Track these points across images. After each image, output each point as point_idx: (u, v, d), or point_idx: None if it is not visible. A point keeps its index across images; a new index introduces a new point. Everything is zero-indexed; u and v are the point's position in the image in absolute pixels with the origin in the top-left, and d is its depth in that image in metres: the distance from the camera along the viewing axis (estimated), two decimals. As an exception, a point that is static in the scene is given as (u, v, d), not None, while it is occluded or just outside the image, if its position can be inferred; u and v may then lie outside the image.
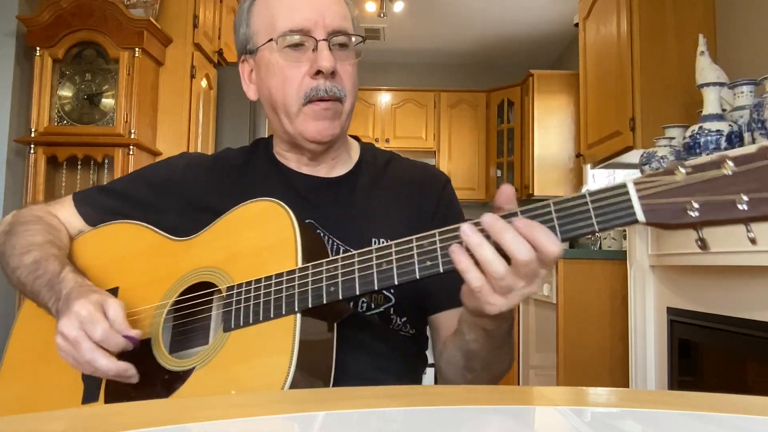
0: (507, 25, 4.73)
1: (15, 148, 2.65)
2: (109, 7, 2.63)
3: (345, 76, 0.93)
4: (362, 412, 0.51)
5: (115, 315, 0.79)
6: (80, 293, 0.81)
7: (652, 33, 2.58)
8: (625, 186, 0.62)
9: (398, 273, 0.70)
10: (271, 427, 0.47)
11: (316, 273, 0.75)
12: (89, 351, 0.76)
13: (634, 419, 0.51)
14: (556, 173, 4.60)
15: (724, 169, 0.58)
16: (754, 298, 1.77)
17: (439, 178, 1.04)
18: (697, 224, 0.59)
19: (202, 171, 1.02)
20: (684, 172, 0.60)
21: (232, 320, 0.78)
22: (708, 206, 0.58)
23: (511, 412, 0.53)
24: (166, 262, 0.90)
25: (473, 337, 0.78)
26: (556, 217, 0.64)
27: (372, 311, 0.90)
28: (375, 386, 0.76)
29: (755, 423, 0.49)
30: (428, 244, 0.69)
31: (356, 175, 1.00)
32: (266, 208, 0.83)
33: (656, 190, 0.61)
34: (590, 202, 0.63)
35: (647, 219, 0.61)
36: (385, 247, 0.72)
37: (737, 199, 0.57)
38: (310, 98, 0.90)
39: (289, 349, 0.71)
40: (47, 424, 0.49)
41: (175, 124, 2.88)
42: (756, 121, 1.77)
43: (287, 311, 0.74)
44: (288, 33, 0.91)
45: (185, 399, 0.75)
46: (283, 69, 0.92)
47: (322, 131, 0.92)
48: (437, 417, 0.50)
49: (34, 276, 0.89)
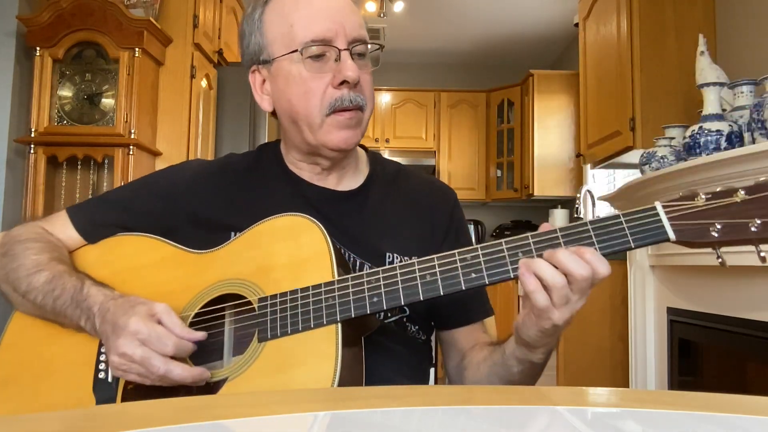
0: (507, 25, 4.73)
1: (15, 148, 2.65)
2: (109, 7, 2.63)
3: (365, 85, 0.93)
4: (363, 412, 0.51)
5: (172, 322, 0.78)
6: (123, 309, 0.80)
7: (652, 33, 2.58)
8: (654, 209, 0.71)
9: (443, 284, 0.74)
10: (271, 427, 0.47)
11: (357, 284, 0.77)
12: (163, 365, 0.75)
13: (634, 419, 0.51)
14: (556, 173, 4.60)
15: (737, 197, 0.69)
16: (754, 298, 1.77)
17: (448, 196, 1.06)
18: (716, 243, 0.69)
19: (208, 181, 0.99)
20: (704, 198, 0.70)
21: (268, 330, 0.78)
22: (727, 227, 0.69)
23: (511, 412, 0.53)
24: (184, 275, 0.88)
25: (520, 369, 0.83)
26: (595, 236, 0.72)
27: (389, 320, 0.92)
28: (375, 386, 0.77)
29: (755, 423, 0.49)
30: (471, 258, 0.74)
31: (368, 189, 1.00)
32: (297, 222, 0.83)
33: (682, 212, 0.70)
34: (624, 222, 0.71)
35: (677, 238, 0.70)
36: (427, 260, 0.76)
37: (750, 222, 0.68)
38: (335, 108, 0.89)
39: (333, 357, 0.73)
40: (46, 424, 0.49)
41: (175, 124, 2.88)
42: (756, 121, 1.77)
43: (329, 321, 0.76)
44: (309, 44, 0.89)
45: (185, 399, 0.75)
46: (306, 80, 0.90)
47: (347, 140, 0.91)
48: (437, 417, 0.50)
49: (53, 297, 0.86)
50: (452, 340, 0.99)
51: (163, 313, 0.79)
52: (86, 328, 0.84)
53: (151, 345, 0.76)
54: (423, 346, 0.98)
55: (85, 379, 0.84)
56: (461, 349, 0.97)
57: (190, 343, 0.78)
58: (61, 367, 0.87)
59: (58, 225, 0.98)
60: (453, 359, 0.99)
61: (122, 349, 0.76)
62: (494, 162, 5.17)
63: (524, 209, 5.32)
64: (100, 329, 0.81)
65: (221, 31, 3.31)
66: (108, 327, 0.80)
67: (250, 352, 0.78)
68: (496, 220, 5.35)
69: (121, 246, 0.94)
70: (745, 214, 0.68)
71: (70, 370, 0.86)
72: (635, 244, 0.70)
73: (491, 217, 5.39)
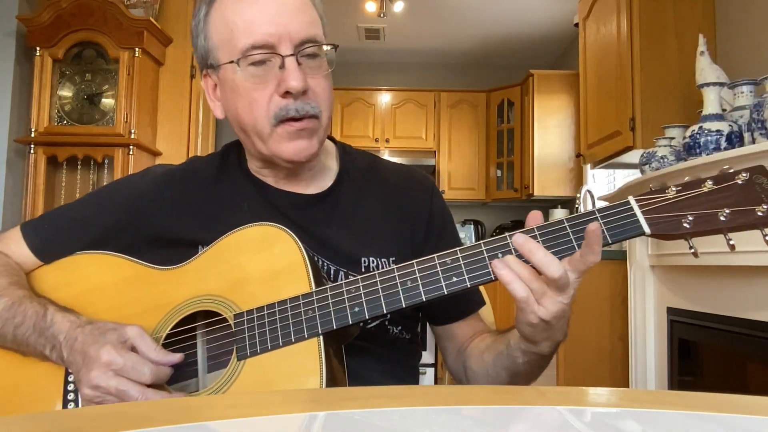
0: (507, 25, 4.72)
1: (15, 148, 2.65)
2: (109, 7, 2.63)
3: (318, 90, 0.85)
4: (362, 412, 0.51)
5: (147, 347, 0.75)
6: (92, 337, 0.75)
7: (652, 33, 2.58)
8: (628, 203, 0.72)
9: (425, 290, 0.73)
10: (271, 427, 0.47)
11: (336, 294, 0.74)
12: (140, 395, 0.72)
13: (634, 419, 0.51)
14: (556, 173, 4.59)
15: (704, 188, 0.71)
16: (754, 298, 1.77)
17: (426, 186, 0.99)
18: (689, 234, 0.70)
19: (171, 193, 0.93)
20: (674, 190, 0.71)
21: (247, 348, 0.75)
22: (698, 218, 0.70)
23: (511, 412, 0.53)
24: (151, 293, 0.83)
25: (526, 359, 0.81)
26: (572, 233, 0.71)
27: (369, 325, 0.89)
28: (375, 386, 0.77)
29: (755, 423, 0.49)
30: (452, 261, 0.73)
31: (338, 189, 0.94)
32: (267, 233, 0.80)
33: (654, 205, 0.71)
34: (600, 218, 0.71)
35: (652, 231, 0.70)
36: (406, 266, 0.74)
37: (719, 212, 0.69)
38: (281, 118, 0.83)
39: (318, 371, 0.71)
40: (45, 424, 0.49)
41: (175, 124, 2.88)
42: (756, 121, 1.77)
43: (310, 334, 0.73)
44: (250, 50, 0.82)
45: (185, 399, 0.75)
46: (248, 91, 0.83)
47: (300, 152, 0.85)
48: (436, 417, 0.50)
49: (13, 324, 0.80)
50: (450, 335, 0.97)
51: (136, 337, 0.75)
52: (51, 358, 0.79)
53: (126, 374, 0.73)
54: (408, 344, 0.96)
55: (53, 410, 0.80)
56: (460, 342, 0.95)
57: (167, 368, 0.75)
58: (26, 399, 0.82)
59: (12, 243, 0.92)
60: (452, 352, 0.97)
61: (95, 381, 0.72)
62: (494, 162, 5.17)
63: (524, 209, 5.30)
64: (68, 359, 0.77)
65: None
66: (78, 357, 0.75)
67: (230, 371, 0.75)
68: (496, 220, 5.35)
69: (82, 266, 0.88)
70: (713, 204, 0.69)
71: (36, 402, 0.81)
72: (612, 239, 0.71)
73: (491, 217, 5.39)
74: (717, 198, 0.70)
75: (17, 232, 0.93)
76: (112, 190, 0.97)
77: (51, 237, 0.92)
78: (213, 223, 0.84)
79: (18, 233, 0.93)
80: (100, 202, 0.94)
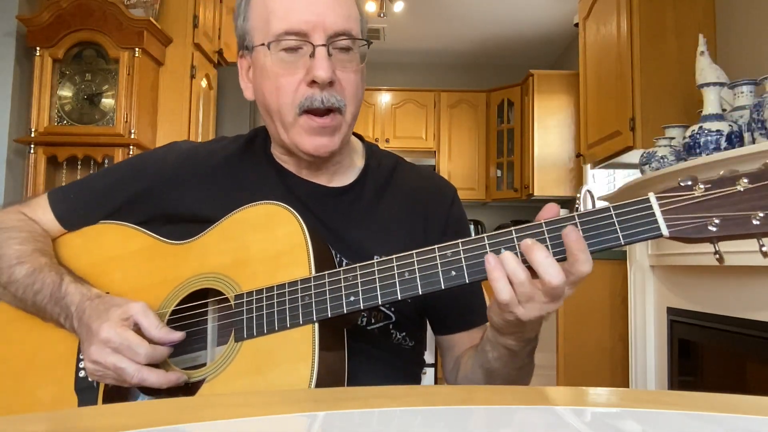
0: (507, 25, 4.72)
1: (15, 148, 2.65)
2: (109, 7, 2.63)
3: (346, 84, 0.85)
4: (362, 412, 0.51)
5: (150, 324, 0.76)
6: (97, 312, 0.77)
7: (652, 33, 2.58)
8: (648, 200, 0.65)
9: (422, 283, 0.70)
10: (271, 427, 0.47)
11: (333, 282, 0.73)
12: (136, 373, 0.74)
13: (634, 419, 0.51)
14: (556, 173, 4.60)
15: (739, 186, 0.62)
16: (754, 298, 1.77)
17: (446, 193, 0.99)
18: (715, 238, 0.63)
19: (193, 171, 0.93)
20: (702, 187, 0.63)
21: (244, 330, 0.76)
22: (726, 221, 0.62)
23: (511, 412, 0.53)
24: (161, 267, 0.85)
25: (496, 355, 0.79)
26: (582, 230, 0.66)
27: (372, 326, 0.88)
28: (375, 386, 0.76)
29: (755, 423, 0.48)
30: (452, 254, 0.70)
31: (361, 186, 0.94)
32: (273, 211, 0.79)
33: (677, 204, 0.64)
34: (614, 216, 0.65)
35: (671, 233, 0.64)
36: (406, 256, 0.72)
37: (753, 215, 0.61)
38: (305, 108, 0.83)
39: (310, 359, 0.71)
40: (44, 424, 0.49)
41: (175, 124, 2.88)
42: (756, 121, 1.77)
43: (305, 321, 0.73)
44: (283, 36, 0.82)
45: (184, 399, 0.75)
46: (277, 76, 0.84)
47: (319, 148, 0.85)
48: (437, 417, 0.50)
49: (33, 291, 0.83)
50: (450, 345, 0.95)
51: (139, 313, 0.76)
52: (65, 326, 0.82)
53: (122, 353, 0.74)
54: (410, 352, 0.94)
55: (67, 377, 0.83)
56: (458, 352, 0.94)
57: (164, 348, 0.76)
58: (43, 363, 0.85)
59: (40, 210, 0.94)
60: (449, 362, 0.96)
61: (94, 356, 0.75)
62: (494, 162, 5.17)
63: (524, 209, 5.32)
64: (78, 330, 0.79)
65: (221, 31, 3.31)
66: (84, 330, 0.78)
67: (227, 352, 0.76)
68: (496, 220, 5.35)
69: (102, 235, 0.91)
70: (747, 206, 0.61)
71: (51, 368, 0.84)
72: (625, 240, 0.65)
73: (491, 217, 5.39)
74: (752, 198, 0.61)
75: (44, 199, 0.95)
76: (136, 162, 0.98)
77: (74, 206, 0.94)
78: (231, 204, 0.84)
79: (45, 200, 0.95)
80: (123, 174, 0.96)
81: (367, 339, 0.87)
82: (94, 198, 0.94)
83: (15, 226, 0.91)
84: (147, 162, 0.96)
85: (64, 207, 0.94)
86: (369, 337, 0.88)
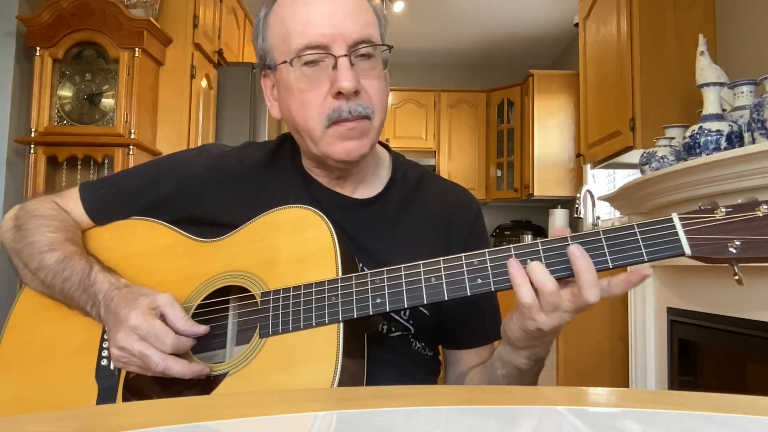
0: (507, 25, 4.73)
1: (15, 148, 2.65)
2: (109, 7, 2.63)
3: (372, 91, 0.85)
4: (363, 412, 0.51)
5: (175, 316, 0.77)
6: (125, 300, 0.79)
7: (652, 33, 2.58)
8: (671, 220, 0.68)
9: (448, 289, 0.72)
10: (271, 427, 0.47)
11: (360, 284, 0.75)
12: (161, 362, 0.75)
13: (634, 419, 0.51)
14: (556, 173, 4.60)
15: (759, 212, 0.66)
16: (754, 298, 1.77)
17: (470, 209, 0.99)
18: (734, 260, 0.66)
19: (222, 178, 0.94)
20: (724, 211, 0.67)
21: (269, 326, 0.77)
22: (746, 244, 0.65)
23: (511, 412, 0.53)
24: (189, 263, 0.87)
25: (505, 372, 0.80)
26: (606, 245, 0.69)
27: (393, 334, 0.89)
28: (375, 386, 0.77)
29: (755, 423, 0.49)
30: (479, 263, 0.72)
31: (385, 198, 0.94)
32: (303, 215, 0.82)
33: (700, 225, 0.67)
34: (639, 233, 0.68)
35: (693, 253, 0.66)
36: (433, 262, 0.74)
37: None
38: (333, 120, 0.83)
39: (334, 358, 0.72)
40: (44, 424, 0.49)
41: (175, 124, 2.88)
42: (756, 121, 1.77)
43: (330, 320, 0.74)
44: (304, 51, 0.82)
45: (185, 399, 0.75)
46: (302, 91, 0.84)
47: (350, 152, 0.85)
48: (437, 417, 0.50)
49: (62, 278, 0.85)
50: (457, 359, 0.96)
51: (166, 305, 0.78)
52: (92, 314, 0.83)
53: (149, 341, 0.76)
54: (430, 360, 0.95)
55: (88, 365, 0.84)
56: (463, 368, 0.94)
57: (189, 340, 0.78)
58: (65, 351, 0.87)
59: (71, 202, 0.97)
60: (452, 376, 0.96)
61: (121, 342, 0.76)
62: (494, 162, 5.17)
63: (524, 209, 5.32)
64: (104, 318, 0.81)
65: (221, 31, 3.31)
66: (111, 317, 0.79)
67: (251, 348, 0.77)
68: (496, 220, 5.35)
69: (131, 230, 0.94)
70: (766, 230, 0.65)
71: (73, 355, 0.86)
72: (649, 257, 0.67)
73: (491, 217, 5.39)
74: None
75: (76, 192, 0.98)
76: (166, 163, 0.99)
77: (104, 202, 0.97)
78: (256, 212, 0.85)
79: (76, 193, 0.98)
80: (153, 175, 0.97)
81: (388, 346, 0.88)
82: (123, 196, 0.96)
83: (48, 214, 0.93)
84: (177, 164, 0.98)
85: (94, 202, 0.97)
86: (390, 344, 0.88)
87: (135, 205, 0.95)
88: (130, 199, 0.95)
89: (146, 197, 0.95)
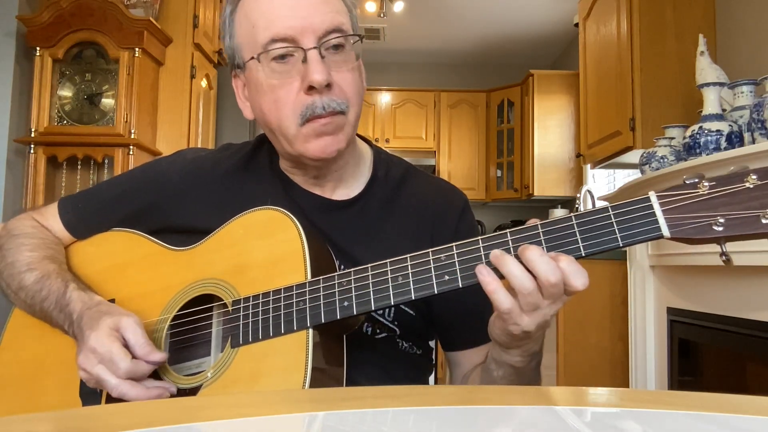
0: (507, 25, 4.72)
1: (15, 148, 2.65)
2: (109, 7, 2.62)
3: (345, 85, 0.81)
4: (362, 412, 0.51)
5: (135, 340, 0.75)
6: (90, 321, 0.77)
7: (652, 33, 2.58)
8: (648, 199, 0.62)
9: (415, 288, 0.69)
10: (271, 427, 0.47)
11: (327, 287, 0.72)
12: (116, 388, 0.73)
13: (634, 419, 0.51)
14: (556, 173, 4.59)
15: (747, 182, 0.58)
16: (754, 298, 1.77)
17: (455, 207, 0.95)
18: (721, 239, 0.59)
19: (197, 183, 0.92)
20: (707, 185, 0.60)
21: (240, 336, 0.75)
22: (733, 221, 0.58)
23: (512, 412, 0.53)
24: (165, 273, 0.86)
25: (501, 373, 0.77)
26: (579, 231, 0.63)
27: (378, 335, 0.87)
28: (375, 386, 0.76)
29: (755, 423, 0.48)
30: (446, 258, 0.68)
31: (366, 199, 0.91)
32: (273, 217, 0.79)
33: (680, 203, 0.60)
34: (613, 216, 0.62)
35: (672, 234, 0.60)
36: (400, 260, 0.70)
37: (762, 213, 0.57)
38: (307, 117, 0.79)
39: (303, 366, 0.70)
40: (44, 424, 0.49)
41: (175, 124, 2.88)
42: (756, 121, 1.77)
43: (299, 327, 0.72)
44: (270, 44, 0.79)
45: (185, 399, 0.75)
46: (273, 89, 0.80)
47: (325, 148, 0.81)
48: (437, 417, 0.50)
49: (40, 297, 0.85)
50: (458, 361, 0.93)
51: (128, 328, 0.76)
52: (69, 333, 0.82)
53: (105, 365, 0.74)
54: (420, 358, 0.93)
55: (73, 382, 0.83)
56: (465, 370, 0.92)
57: (146, 366, 0.75)
58: (52, 369, 0.87)
59: (51, 218, 0.96)
60: (456, 379, 0.94)
61: (82, 364, 0.75)
62: (494, 162, 5.17)
63: (524, 209, 5.32)
64: (78, 337, 0.80)
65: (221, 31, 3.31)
66: (79, 337, 0.78)
67: (223, 359, 0.76)
68: (496, 220, 5.35)
69: (112, 242, 0.93)
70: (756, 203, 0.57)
71: (59, 372, 0.85)
72: (624, 241, 0.62)
73: (491, 217, 5.39)
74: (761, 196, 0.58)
75: (55, 207, 0.97)
76: (141, 175, 0.97)
77: (82, 216, 0.96)
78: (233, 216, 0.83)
79: (55, 209, 0.97)
80: (130, 186, 0.96)
81: (373, 348, 0.86)
82: (100, 209, 0.95)
83: (27, 233, 0.93)
84: (152, 174, 0.96)
85: (72, 216, 0.96)
86: (375, 345, 0.87)
87: (114, 218, 0.94)
88: (108, 212, 0.94)
89: (124, 210, 0.94)
